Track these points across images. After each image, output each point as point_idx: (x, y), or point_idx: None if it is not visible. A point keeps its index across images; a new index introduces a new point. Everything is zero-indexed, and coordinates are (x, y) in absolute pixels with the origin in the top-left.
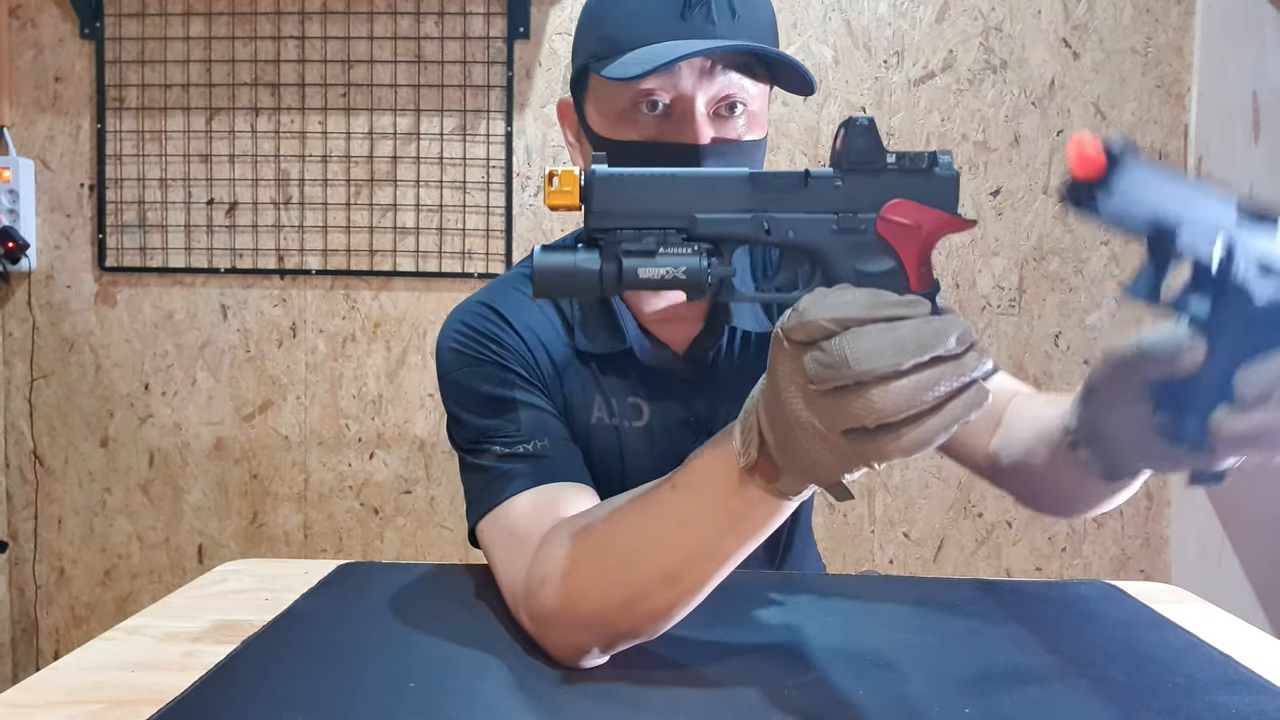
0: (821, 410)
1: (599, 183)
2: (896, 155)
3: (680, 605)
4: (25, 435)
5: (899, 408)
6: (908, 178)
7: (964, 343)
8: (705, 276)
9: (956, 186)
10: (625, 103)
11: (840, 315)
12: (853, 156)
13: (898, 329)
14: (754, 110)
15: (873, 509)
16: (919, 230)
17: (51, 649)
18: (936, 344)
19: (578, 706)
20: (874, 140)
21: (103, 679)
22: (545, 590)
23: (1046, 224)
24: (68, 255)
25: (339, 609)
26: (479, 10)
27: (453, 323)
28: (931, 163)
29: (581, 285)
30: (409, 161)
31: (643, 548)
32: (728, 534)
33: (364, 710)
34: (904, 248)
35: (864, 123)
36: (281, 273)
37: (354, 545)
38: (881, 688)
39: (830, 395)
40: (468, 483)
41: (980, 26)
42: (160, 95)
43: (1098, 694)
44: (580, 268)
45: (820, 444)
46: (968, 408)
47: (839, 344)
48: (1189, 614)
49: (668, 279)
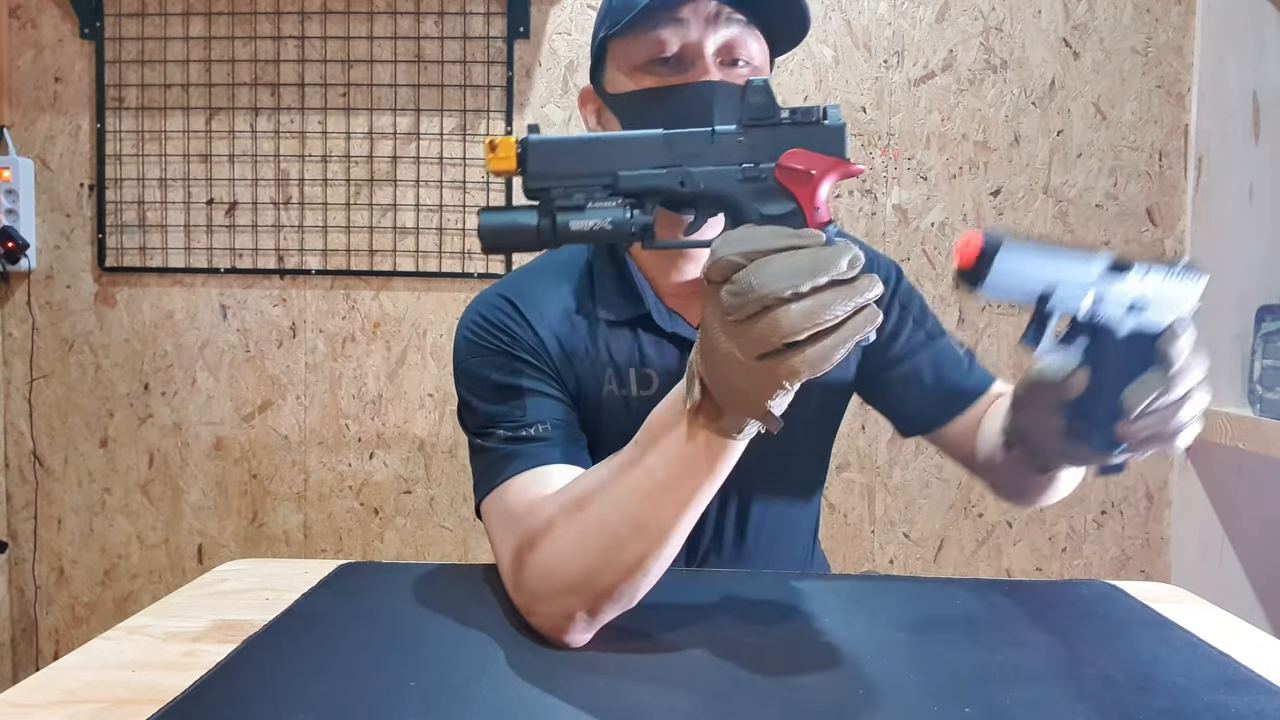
0: (737, 338)
1: (533, 148)
2: (790, 110)
3: (652, 556)
4: (25, 435)
5: (801, 326)
6: (801, 130)
7: (855, 267)
8: (629, 226)
9: (844, 135)
10: (640, 57)
11: (746, 249)
12: (751, 113)
13: (794, 257)
14: (757, 64)
15: (873, 509)
16: (812, 174)
17: (51, 649)
18: (830, 268)
19: (578, 706)
20: (769, 98)
21: (103, 678)
22: (531, 556)
23: (1047, 224)
24: (67, 255)
25: (339, 609)
26: (479, 10)
27: (470, 313)
28: (822, 115)
29: (521, 239)
30: (409, 161)
31: (614, 500)
32: (684, 479)
33: (364, 710)
34: (800, 191)
35: (760, 83)
36: (281, 273)
37: (354, 545)
38: (881, 687)
39: (743, 323)
40: (475, 464)
41: (980, 26)
42: (160, 95)
43: (1098, 694)
44: (519, 223)
45: (741, 372)
46: (862, 326)
47: (745, 275)
48: (1189, 614)
49: (596, 230)
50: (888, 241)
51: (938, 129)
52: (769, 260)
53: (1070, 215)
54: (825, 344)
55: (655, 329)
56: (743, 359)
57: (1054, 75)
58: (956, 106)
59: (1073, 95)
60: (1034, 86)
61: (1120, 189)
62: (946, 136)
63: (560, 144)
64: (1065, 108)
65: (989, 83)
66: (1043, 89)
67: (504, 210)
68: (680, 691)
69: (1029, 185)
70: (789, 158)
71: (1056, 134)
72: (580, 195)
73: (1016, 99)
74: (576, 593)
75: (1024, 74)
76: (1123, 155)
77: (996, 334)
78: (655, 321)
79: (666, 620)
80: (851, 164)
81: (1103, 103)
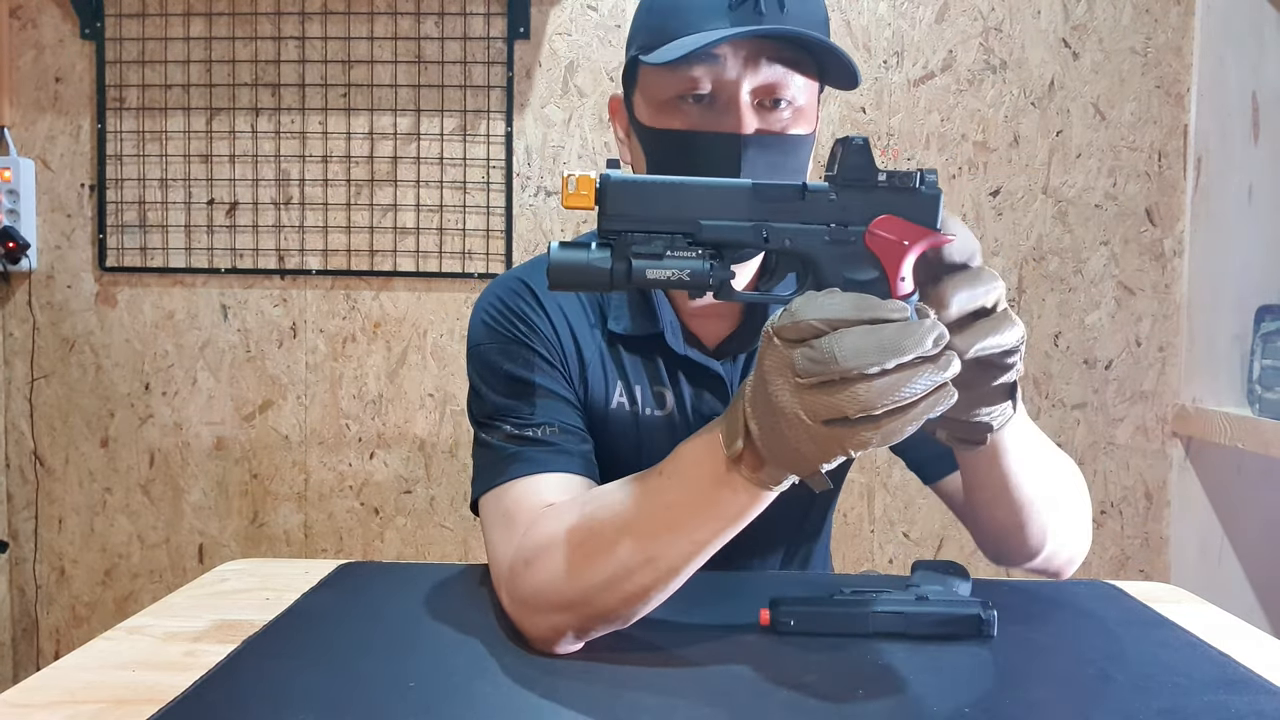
0: (807, 402)
1: (612, 188)
2: (888, 174)
3: (657, 589)
4: (26, 435)
5: (880, 402)
6: (896, 195)
7: (939, 345)
8: (707, 279)
9: (938, 205)
10: (670, 92)
11: (830, 316)
12: (848, 174)
13: (881, 331)
14: (801, 105)
15: (872, 509)
16: (902, 244)
17: (52, 649)
18: (917, 346)
19: (579, 706)
20: (868, 159)
21: (103, 678)
22: (529, 571)
23: (1046, 224)
24: (68, 255)
25: (339, 609)
26: (479, 10)
27: (489, 295)
28: (918, 181)
29: (593, 281)
30: (409, 162)
31: (628, 528)
32: (708, 520)
33: (364, 710)
34: (888, 259)
35: (859, 143)
36: (282, 273)
37: (354, 545)
38: (881, 688)
39: (816, 388)
40: (476, 456)
41: (980, 27)
42: (161, 95)
43: (1097, 694)
44: (593, 265)
45: (803, 433)
46: (937, 403)
47: (828, 342)
48: (1188, 614)
49: (673, 280)
50: None
51: (937, 129)
52: (852, 332)
53: (1070, 215)
54: (901, 419)
55: (668, 350)
56: (809, 422)
57: (1053, 76)
58: (956, 107)
59: (1072, 95)
60: (1033, 87)
61: (1119, 189)
62: (946, 137)
63: (641, 185)
64: (1064, 108)
65: (988, 83)
66: (1042, 89)
67: (578, 247)
68: (680, 691)
69: (1028, 185)
70: (881, 224)
71: (1056, 134)
72: (660, 243)
73: (1016, 99)
74: (571, 611)
75: (1023, 74)
76: (1122, 155)
77: None
78: (668, 343)
79: (666, 621)
80: (943, 235)
81: (1102, 103)
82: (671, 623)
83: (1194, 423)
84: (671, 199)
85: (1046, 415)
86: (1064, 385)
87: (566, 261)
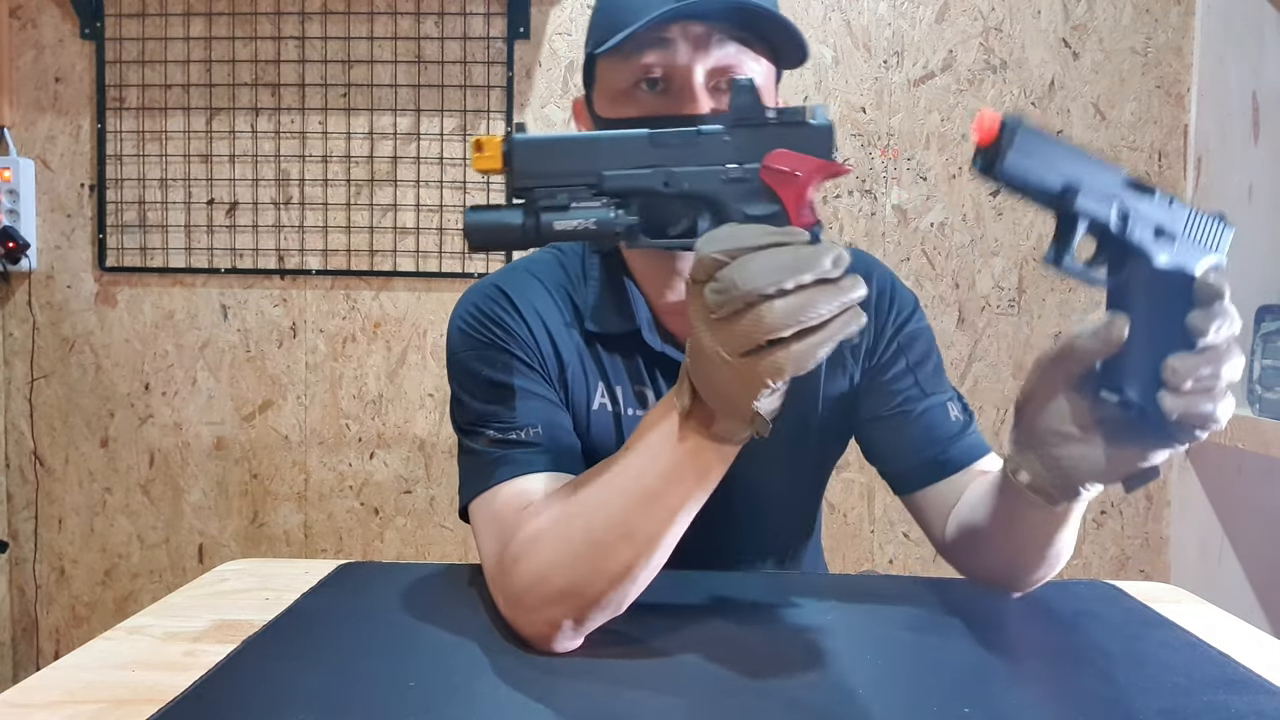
0: (721, 335)
1: (518, 147)
2: (776, 110)
3: (640, 565)
4: (25, 435)
5: (785, 323)
6: (787, 130)
7: (839, 266)
8: (614, 226)
9: (831, 136)
10: (625, 82)
11: (728, 247)
12: (737, 113)
13: (778, 254)
14: (758, 85)
15: (872, 509)
16: (797, 175)
17: (52, 649)
18: (813, 265)
19: (578, 706)
20: (755, 98)
21: (103, 678)
22: (517, 569)
23: (1046, 224)
24: (68, 255)
25: (339, 609)
26: (479, 10)
27: (465, 303)
28: (809, 115)
29: (507, 237)
30: (409, 161)
31: (602, 506)
32: (675, 484)
33: (364, 710)
34: (785, 192)
35: (745, 83)
36: (282, 273)
37: (354, 545)
38: (881, 688)
39: (727, 320)
40: (462, 463)
41: (980, 27)
42: (160, 95)
43: (1097, 694)
44: (504, 222)
45: (726, 371)
46: (846, 325)
47: (728, 272)
48: (1188, 614)
49: (580, 229)
50: (887, 242)
51: (937, 129)
52: (752, 257)
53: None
54: (809, 341)
55: (645, 347)
56: (727, 357)
57: (1053, 75)
58: (956, 107)
59: (1072, 95)
60: (1033, 87)
61: None
62: (946, 137)
63: (545, 143)
64: (1065, 108)
65: (988, 83)
66: (1042, 89)
67: (491, 209)
68: (680, 692)
69: None
70: (774, 158)
71: (1056, 134)
72: (564, 195)
73: (1016, 99)
74: (563, 602)
75: (1023, 74)
76: (1122, 155)
77: (996, 334)
78: (645, 340)
79: (665, 621)
80: (838, 164)
81: (1102, 103)
82: (670, 623)
83: None
84: (574, 153)
85: None
86: None
87: (480, 222)
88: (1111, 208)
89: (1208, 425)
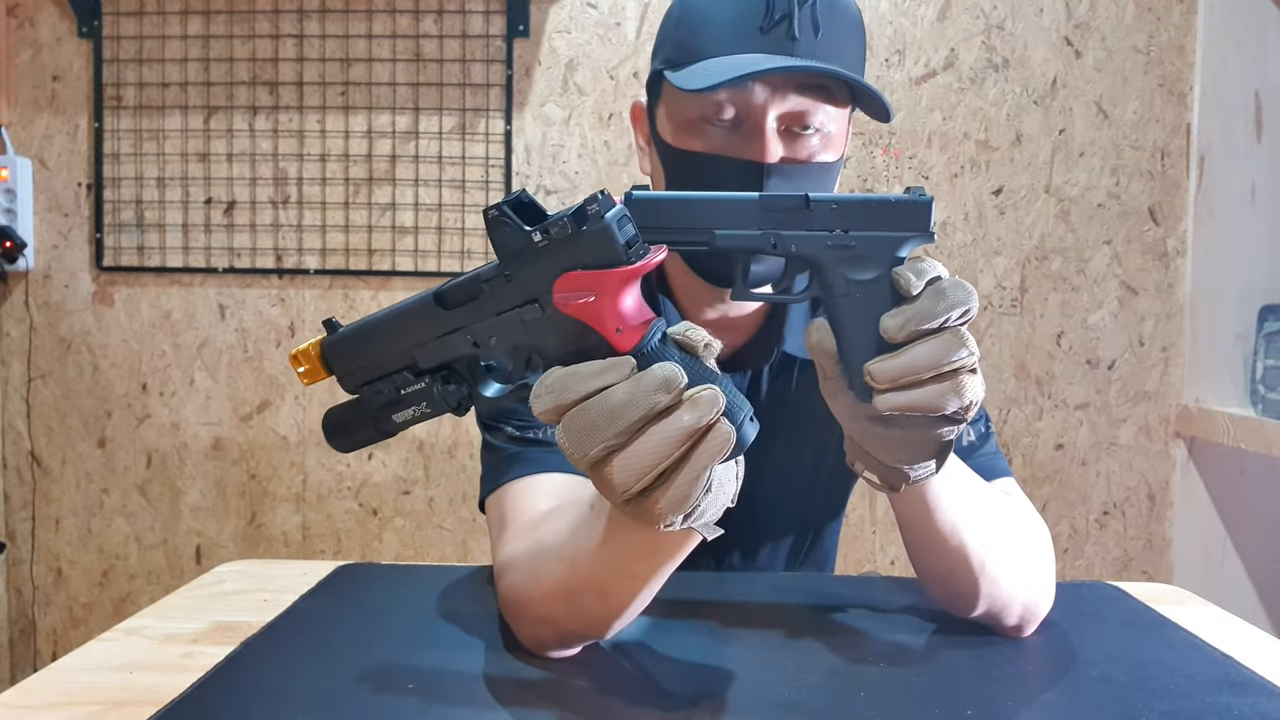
0: (595, 485)
1: (329, 350)
2: (541, 228)
3: (617, 617)
4: (23, 436)
5: (637, 476)
6: (560, 247)
7: (670, 390)
8: (444, 402)
9: (611, 235)
10: (694, 113)
11: (552, 405)
12: (505, 249)
13: (607, 399)
14: (829, 132)
15: (874, 509)
16: (589, 300)
17: (49, 650)
18: (641, 404)
19: (578, 707)
20: (514, 224)
21: (101, 680)
22: (502, 584)
23: (1049, 223)
24: (65, 255)
25: (338, 610)
26: (478, 9)
27: None
28: (589, 212)
29: (361, 439)
30: (408, 160)
31: (574, 559)
32: (642, 559)
33: (364, 710)
34: (590, 318)
35: (493, 214)
36: (280, 272)
37: (353, 546)
38: (882, 688)
39: (590, 473)
40: (483, 458)
41: (982, 25)
42: (158, 94)
43: (1100, 695)
44: (352, 429)
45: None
46: (712, 452)
47: (560, 436)
48: (1191, 615)
49: (418, 416)
50: None
51: (939, 128)
52: (575, 414)
53: (1072, 214)
54: (676, 485)
55: None
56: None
57: (1056, 74)
58: (958, 105)
59: (1075, 94)
60: (1036, 85)
61: (1122, 188)
62: (948, 135)
63: (353, 335)
64: (1067, 106)
65: (990, 81)
66: (1044, 88)
67: (343, 408)
68: (681, 691)
69: (1030, 184)
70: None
71: (1058, 133)
72: (386, 385)
73: (1018, 98)
74: (545, 626)
75: (1026, 73)
76: (1125, 154)
77: (998, 333)
78: None
79: (666, 621)
80: (637, 264)
81: (1105, 101)
82: (671, 623)
83: (1197, 423)
84: (387, 334)
85: (1049, 416)
86: (1066, 386)
87: (335, 424)
88: (755, 231)
89: (940, 414)
